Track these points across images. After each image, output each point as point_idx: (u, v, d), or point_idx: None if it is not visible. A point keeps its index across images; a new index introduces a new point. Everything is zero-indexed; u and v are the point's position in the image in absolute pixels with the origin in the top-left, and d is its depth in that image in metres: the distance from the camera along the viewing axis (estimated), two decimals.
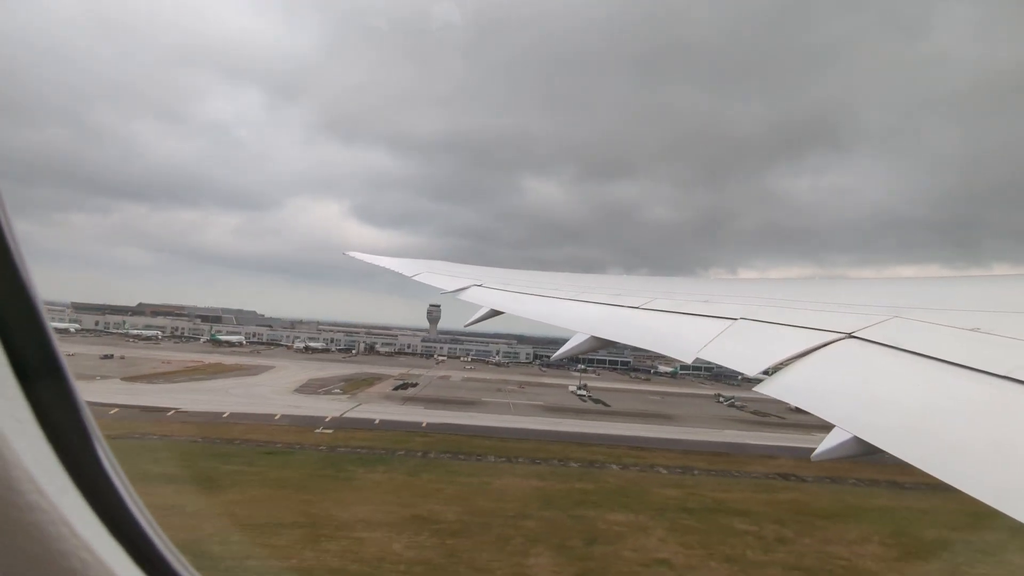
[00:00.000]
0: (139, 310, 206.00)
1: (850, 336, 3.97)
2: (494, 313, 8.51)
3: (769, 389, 3.92)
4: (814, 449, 3.93)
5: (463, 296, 9.70)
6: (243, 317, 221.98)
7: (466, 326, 9.29)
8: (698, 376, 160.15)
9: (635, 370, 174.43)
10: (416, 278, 12.09)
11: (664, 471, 56.85)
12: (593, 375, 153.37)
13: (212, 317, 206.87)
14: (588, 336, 6.33)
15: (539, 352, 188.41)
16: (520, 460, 56.74)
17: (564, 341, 6.72)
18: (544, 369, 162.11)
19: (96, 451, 1.69)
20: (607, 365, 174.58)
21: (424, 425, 69.57)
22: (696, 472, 57.06)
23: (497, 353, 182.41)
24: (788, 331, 4.52)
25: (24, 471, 1.38)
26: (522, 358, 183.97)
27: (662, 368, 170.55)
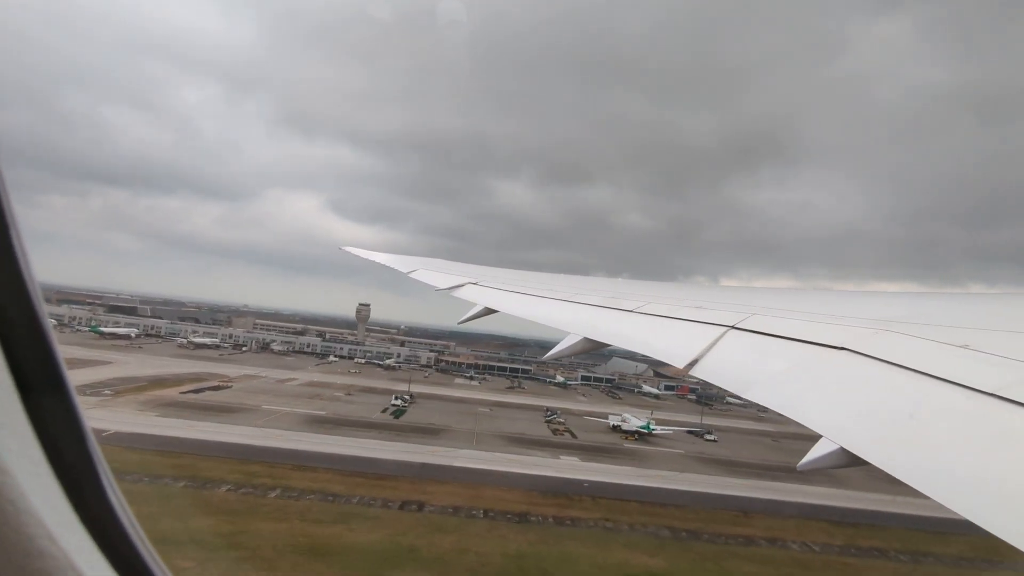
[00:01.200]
0: (46, 296, 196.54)
1: (840, 348, 3.99)
2: (488, 311, 8.50)
3: (758, 397, 3.93)
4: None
5: (457, 294, 9.66)
6: (163, 309, 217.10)
7: (460, 323, 9.30)
8: (682, 398, 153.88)
9: (619, 388, 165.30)
10: (411, 275, 12.08)
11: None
12: (470, 380, 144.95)
13: (127, 308, 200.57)
14: (581, 337, 6.34)
15: (516, 356, 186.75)
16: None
17: (553, 344, 6.75)
18: (428, 375, 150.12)
19: (105, 489, 1.67)
20: (590, 382, 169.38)
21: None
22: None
23: (398, 356, 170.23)
24: (779, 344, 4.53)
25: (34, 516, 1.35)
26: (423, 360, 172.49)
27: (646, 388, 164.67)
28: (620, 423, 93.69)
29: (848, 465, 3.23)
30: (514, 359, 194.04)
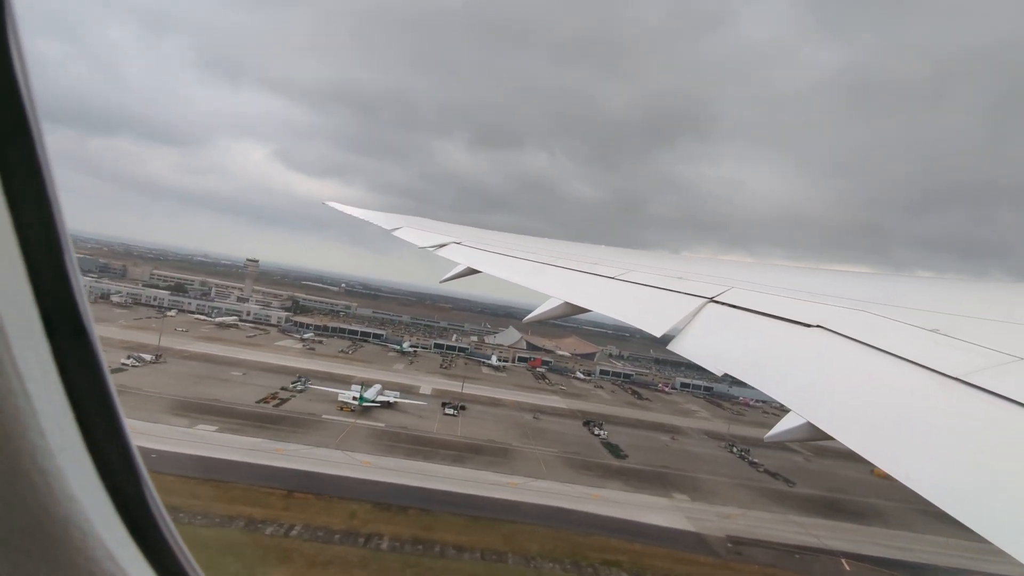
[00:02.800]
0: None
1: (815, 326, 4.03)
2: (470, 271, 8.37)
3: (731, 369, 4.00)
4: None
5: (441, 252, 9.49)
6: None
7: (441, 282, 9.19)
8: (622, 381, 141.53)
9: (471, 357, 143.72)
10: (395, 232, 11.84)
11: None
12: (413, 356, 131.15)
13: None
14: (561, 302, 6.29)
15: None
16: None
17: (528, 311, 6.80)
18: (252, 336, 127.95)
19: (152, 509, 1.74)
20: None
21: None
22: None
23: (248, 314, 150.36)
24: (754, 318, 4.57)
25: (98, 539, 1.45)
26: (273, 320, 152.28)
27: (492, 360, 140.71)
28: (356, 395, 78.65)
29: (813, 439, 3.33)
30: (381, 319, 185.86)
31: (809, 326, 4.05)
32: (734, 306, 4.92)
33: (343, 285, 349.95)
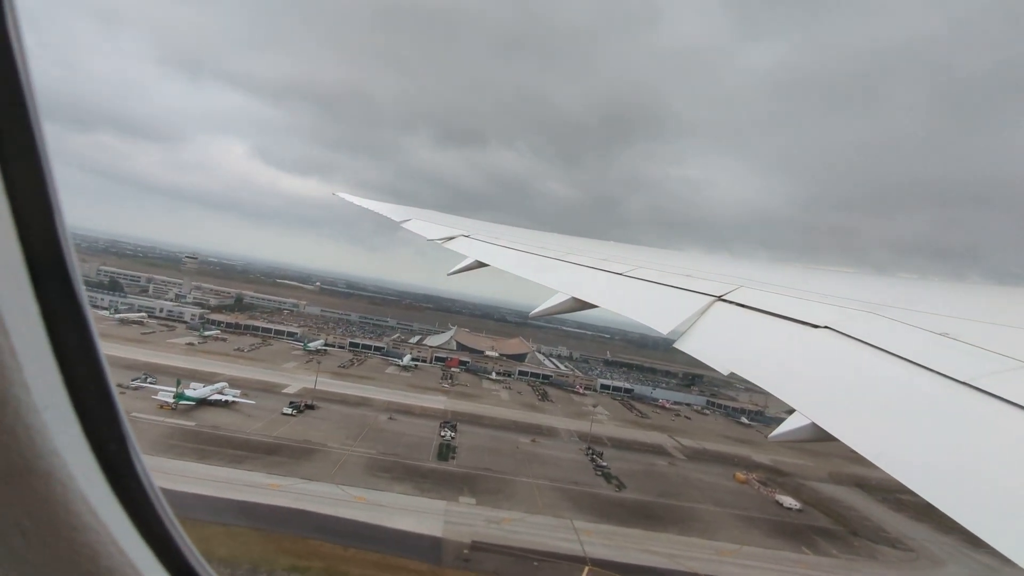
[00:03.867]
0: None
1: (823, 327, 4.05)
2: (479, 264, 8.35)
3: (737, 369, 3.96)
4: None
5: (449, 245, 9.46)
6: None
7: (449, 274, 9.01)
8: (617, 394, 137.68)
9: (388, 356, 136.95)
10: (404, 224, 11.81)
11: None
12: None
13: None
14: (569, 297, 6.30)
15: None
16: None
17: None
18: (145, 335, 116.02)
19: (135, 465, 1.78)
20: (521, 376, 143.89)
21: None
22: None
23: (161, 310, 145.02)
24: (762, 317, 4.59)
25: (79, 492, 1.48)
26: (187, 317, 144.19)
27: (404, 360, 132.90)
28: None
29: (818, 439, 3.36)
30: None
31: (817, 327, 4.07)
32: (742, 305, 4.91)
33: (317, 283, 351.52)
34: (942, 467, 2.52)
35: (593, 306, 6.14)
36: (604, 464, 79.82)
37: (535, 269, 7.50)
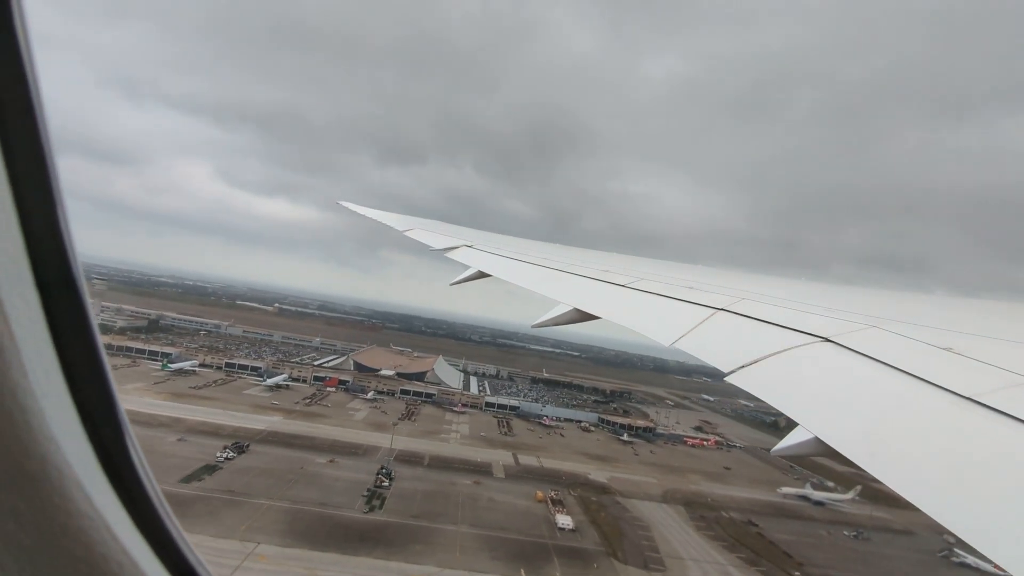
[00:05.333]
0: None
1: (826, 340, 4.06)
2: (481, 275, 8.37)
3: (739, 381, 3.94)
4: None
5: (452, 255, 9.48)
6: None
7: (452, 284, 8.98)
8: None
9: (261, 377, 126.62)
10: (407, 233, 11.92)
11: None
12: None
13: None
14: (571, 308, 6.31)
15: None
16: None
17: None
18: None
19: (131, 456, 1.78)
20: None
21: None
22: None
23: None
24: (765, 328, 4.60)
25: (75, 479, 1.48)
26: None
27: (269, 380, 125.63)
28: None
29: (820, 455, 3.31)
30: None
31: (820, 340, 4.08)
32: (744, 315, 4.91)
33: (276, 305, 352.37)
34: (945, 482, 2.49)
35: (595, 317, 6.08)
36: (385, 485, 76.79)
37: (537, 280, 7.45)
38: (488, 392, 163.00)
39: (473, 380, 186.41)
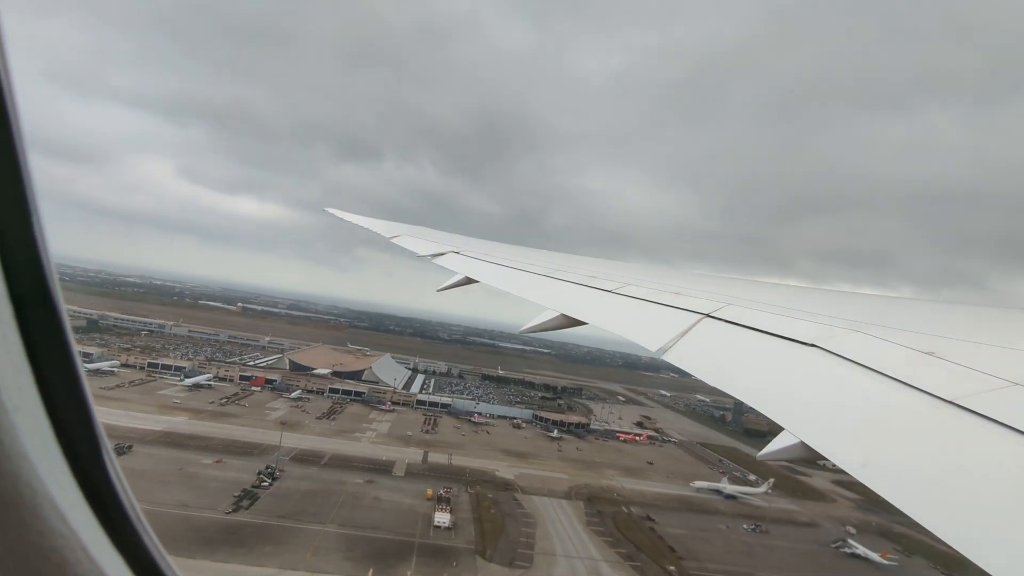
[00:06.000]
0: None
1: (811, 345, 4.12)
2: (468, 281, 8.41)
3: (724, 386, 4.02)
4: None
5: (439, 261, 9.52)
6: None
7: (439, 291, 9.02)
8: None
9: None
10: (393, 240, 11.99)
11: None
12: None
13: None
14: (558, 313, 6.37)
15: None
16: None
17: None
18: None
19: (109, 472, 1.75)
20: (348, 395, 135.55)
21: None
22: None
23: None
24: (751, 336, 4.65)
25: (48, 497, 1.46)
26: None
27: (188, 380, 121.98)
28: None
29: (806, 459, 3.39)
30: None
31: (805, 344, 4.15)
32: (730, 322, 5.01)
33: (239, 304, 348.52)
34: (926, 484, 2.56)
35: (582, 323, 6.16)
36: (265, 484, 75.26)
37: (524, 286, 7.48)
38: (431, 390, 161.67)
39: (420, 378, 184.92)
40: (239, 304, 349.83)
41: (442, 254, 9.72)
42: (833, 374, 3.69)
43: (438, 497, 78.55)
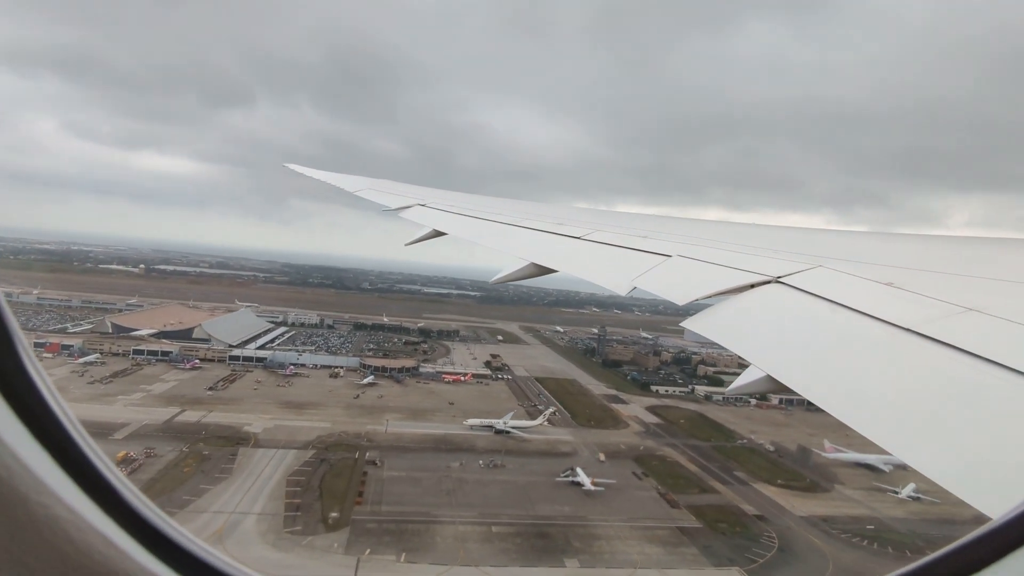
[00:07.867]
0: None
1: (776, 280, 4.27)
2: (436, 234, 8.11)
3: (694, 326, 4.15)
4: None
5: (405, 215, 9.17)
6: None
7: (407, 245, 8.60)
8: None
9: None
10: (358, 194, 11.44)
11: None
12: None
13: None
14: (528, 263, 6.39)
15: None
16: None
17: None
18: None
19: (84, 451, 1.67)
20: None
21: None
22: None
23: None
24: (720, 271, 4.87)
25: (35, 480, 1.42)
26: None
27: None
28: None
29: (773, 391, 3.56)
30: None
31: (767, 280, 4.28)
32: (696, 259, 5.21)
33: (141, 266, 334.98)
34: (887, 409, 2.72)
35: (553, 271, 6.25)
36: None
37: (493, 236, 7.17)
38: (279, 344, 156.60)
39: (277, 332, 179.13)
40: (141, 266, 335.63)
41: (408, 207, 9.38)
42: (795, 308, 3.81)
43: (126, 458, 74.73)
